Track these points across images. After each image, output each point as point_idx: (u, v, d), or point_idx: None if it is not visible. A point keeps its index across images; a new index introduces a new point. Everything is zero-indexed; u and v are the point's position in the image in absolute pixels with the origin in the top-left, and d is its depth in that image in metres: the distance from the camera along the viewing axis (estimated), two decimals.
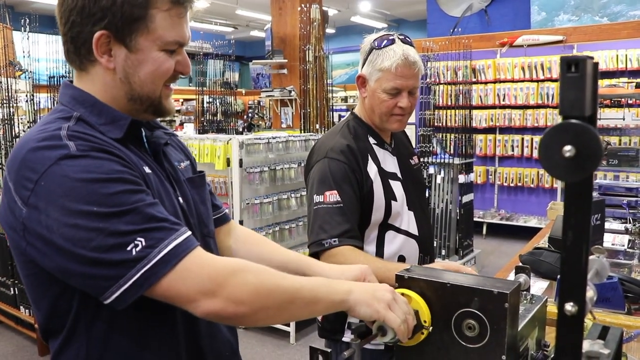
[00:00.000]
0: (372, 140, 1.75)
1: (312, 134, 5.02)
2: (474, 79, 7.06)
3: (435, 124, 6.25)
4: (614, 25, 6.70)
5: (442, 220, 5.67)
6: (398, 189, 1.72)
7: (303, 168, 1.87)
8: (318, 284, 1.02)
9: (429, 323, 1.04)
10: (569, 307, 0.64)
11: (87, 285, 0.92)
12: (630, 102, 6.00)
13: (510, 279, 1.14)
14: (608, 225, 2.76)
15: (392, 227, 1.70)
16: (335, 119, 6.22)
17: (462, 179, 5.77)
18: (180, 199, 1.12)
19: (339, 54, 13.23)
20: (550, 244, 2.35)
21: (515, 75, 6.98)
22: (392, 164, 1.76)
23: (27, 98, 4.24)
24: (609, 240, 2.55)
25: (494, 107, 7.16)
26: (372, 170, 1.68)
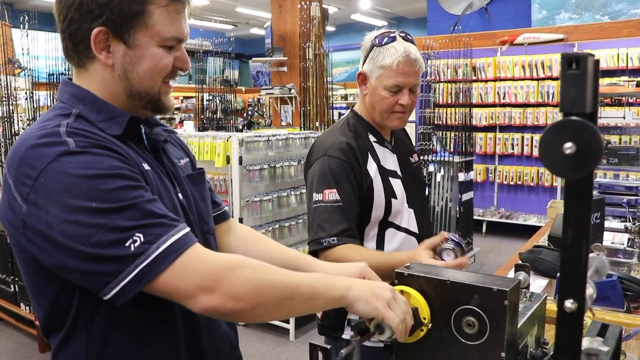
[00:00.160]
0: (372, 138, 1.75)
1: (312, 132, 5.02)
2: (474, 77, 7.06)
3: (436, 122, 6.25)
4: (615, 24, 6.69)
5: (442, 218, 5.67)
6: (398, 187, 1.72)
7: (303, 166, 1.87)
8: (317, 280, 1.01)
9: (429, 320, 1.04)
10: (569, 304, 0.64)
11: (86, 282, 0.92)
12: (631, 100, 5.99)
13: (510, 277, 1.14)
14: (608, 224, 2.76)
15: (392, 224, 1.70)
16: (335, 117, 6.23)
17: (462, 177, 5.77)
18: (180, 196, 1.12)
19: (339, 52, 13.21)
20: (550, 242, 2.35)
21: (516, 74, 6.97)
22: (392, 162, 1.76)
23: (26, 95, 4.24)
24: (609, 239, 2.55)
25: (494, 105, 7.15)
26: (372, 168, 1.68)
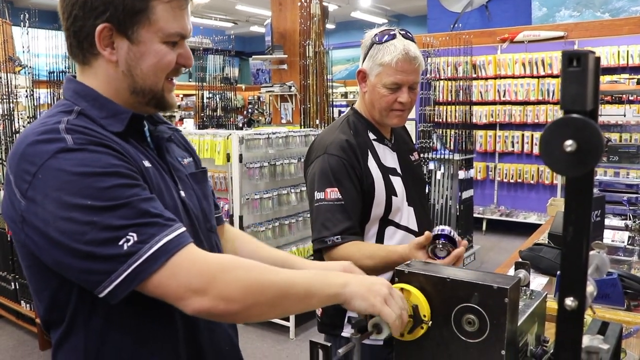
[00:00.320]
0: (371, 136, 1.74)
1: (312, 130, 5.01)
2: (475, 75, 7.05)
3: (436, 120, 6.25)
4: (616, 21, 6.68)
5: (441, 216, 5.67)
6: (398, 185, 1.72)
7: (303, 163, 1.87)
8: (312, 278, 1.01)
9: (429, 318, 1.04)
10: (569, 301, 0.64)
11: (81, 279, 0.93)
12: (631, 98, 5.99)
13: (510, 275, 1.14)
14: (608, 222, 2.76)
15: (392, 222, 1.70)
16: (335, 115, 6.22)
17: (462, 175, 5.77)
18: (182, 193, 1.12)
19: (339, 50, 13.21)
20: (550, 240, 2.35)
21: (516, 71, 6.96)
22: (391, 160, 1.76)
23: (26, 93, 4.23)
24: (609, 237, 2.56)
25: (494, 103, 7.15)
26: (372, 166, 1.68)
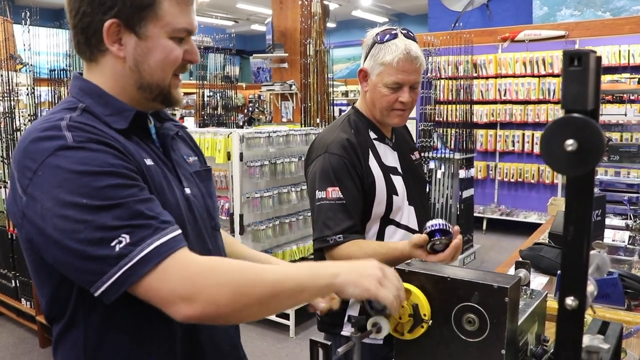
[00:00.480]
0: (372, 135, 1.74)
1: (312, 128, 5.01)
2: (475, 74, 7.05)
3: (436, 119, 6.24)
4: (617, 21, 6.67)
5: (442, 215, 5.67)
6: (399, 184, 1.72)
7: (303, 162, 1.87)
8: (301, 272, 1.00)
9: (429, 317, 1.04)
10: (570, 301, 0.64)
11: (76, 278, 0.93)
12: (632, 98, 5.98)
13: (511, 274, 1.14)
14: (609, 222, 2.76)
15: (392, 221, 1.70)
16: (336, 114, 6.22)
17: (462, 174, 5.76)
18: (188, 190, 1.12)
19: (340, 48, 13.21)
20: (551, 240, 2.35)
21: (517, 71, 6.95)
22: (392, 159, 1.76)
23: (27, 91, 4.23)
24: (610, 237, 2.55)
25: (495, 102, 7.14)
26: (373, 165, 1.68)
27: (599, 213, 2.30)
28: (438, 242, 1.45)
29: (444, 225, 1.46)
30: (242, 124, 10.11)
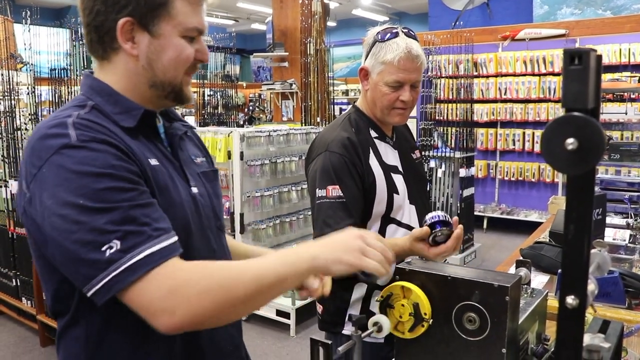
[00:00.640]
0: (373, 134, 1.74)
1: (313, 127, 5.01)
2: (476, 73, 7.04)
3: (437, 118, 6.24)
4: (617, 19, 6.66)
5: None
6: (400, 183, 1.72)
7: (304, 161, 1.87)
8: (279, 262, 0.98)
9: (429, 316, 1.04)
10: (570, 300, 0.64)
11: (69, 276, 0.94)
12: (633, 96, 5.98)
13: (511, 273, 1.14)
14: (609, 220, 2.76)
15: (393, 220, 1.70)
16: (336, 112, 6.21)
17: (463, 173, 5.76)
18: (195, 190, 1.13)
19: (340, 47, 13.19)
20: (551, 238, 2.35)
21: (517, 69, 6.95)
22: (393, 158, 1.76)
23: (28, 91, 4.22)
24: (610, 235, 2.55)
25: (496, 101, 7.14)
26: (373, 163, 1.68)
27: (600, 212, 2.30)
28: (439, 233, 1.43)
29: (444, 217, 1.45)
30: (242, 123, 10.11)
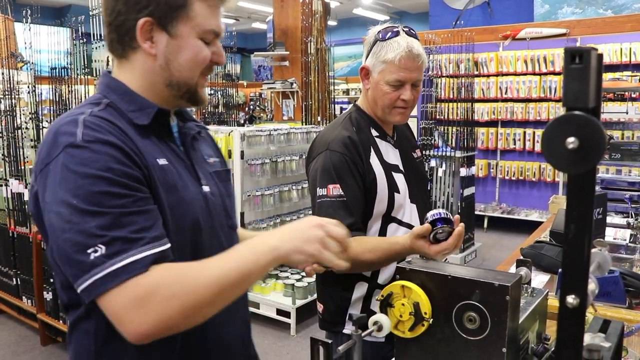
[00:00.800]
0: (374, 133, 1.74)
1: (313, 127, 5.01)
2: (477, 72, 7.04)
3: (437, 117, 6.24)
4: (618, 18, 6.66)
5: None
6: (401, 182, 1.71)
7: (304, 160, 1.87)
8: (241, 258, 0.98)
9: (430, 315, 1.04)
10: (571, 299, 0.64)
11: (64, 272, 0.97)
12: (634, 96, 5.97)
13: (512, 272, 1.14)
14: (610, 220, 2.76)
15: (394, 219, 1.70)
16: (337, 112, 6.21)
17: (463, 172, 5.76)
18: (206, 189, 1.14)
19: (341, 46, 13.19)
20: (552, 238, 2.35)
21: (518, 69, 6.95)
22: (394, 157, 1.75)
23: (28, 89, 4.23)
24: (611, 235, 2.55)
25: (496, 100, 7.14)
26: (374, 162, 1.68)
27: (600, 211, 2.30)
28: (441, 230, 1.42)
29: (445, 214, 1.44)
30: (243, 122, 10.11)
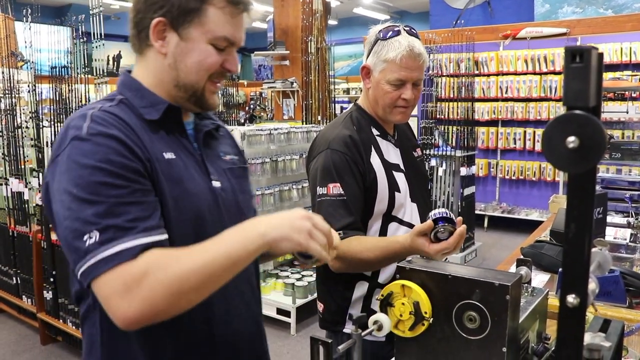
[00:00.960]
0: (375, 132, 1.74)
1: (313, 126, 5.01)
2: (477, 72, 7.04)
3: (438, 117, 6.23)
4: (619, 18, 6.65)
5: None
6: (401, 181, 1.71)
7: (304, 159, 1.86)
8: (229, 243, 0.98)
9: (430, 314, 1.04)
10: (571, 299, 0.64)
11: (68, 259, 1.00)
12: (634, 95, 5.97)
13: (512, 272, 1.14)
14: (610, 219, 2.76)
15: (395, 218, 1.70)
16: (337, 111, 6.21)
17: (463, 172, 5.76)
18: (217, 184, 1.16)
19: (341, 46, 13.19)
20: (552, 237, 2.35)
21: (518, 68, 6.95)
22: (395, 156, 1.75)
23: (29, 88, 4.23)
24: (611, 234, 2.55)
25: (497, 99, 7.14)
26: (375, 162, 1.68)
27: (601, 211, 2.30)
28: (442, 229, 1.41)
29: (447, 214, 1.43)
30: (243, 122, 10.11)
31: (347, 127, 1.70)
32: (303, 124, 5.40)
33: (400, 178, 1.72)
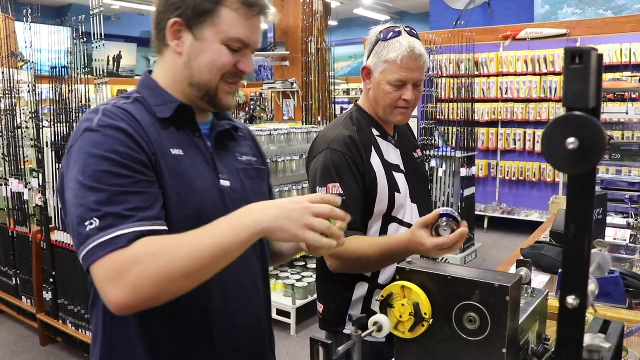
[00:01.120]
0: (375, 132, 1.74)
1: (314, 127, 5.01)
2: (477, 72, 7.04)
3: (438, 117, 6.23)
4: (618, 19, 6.66)
5: None
6: (402, 181, 1.71)
7: (305, 160, 1.86)
8: (221, 231, 0.98)
9: (430, 316, 1.04)
10: (571, 300, 0.64)
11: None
12: (634, 96, 5.97)
13: (512, 273, 1.14)
14: (610, 220, 2.76)
15: (395, 219, 1.70)
16: (337, 112, 6.21)
17: (463, 173, 5.76)
18: (226, 183, 1.17)
19: (342, 47, 13.18)
20: (552, 238, 2.35)
21: (518, 69, 6.95)
22: (395, 156, 1.75)
23: (29, 89, 4.23)
24: (611, 235, 2.55)
25: (497, 100, 7.14)
26: (375, 162, 1.68)
27: (600, 212, 2.30)
28: (445, 223, 1.42)
29: (454, 214, 1.44)
30: (243, 122, 10.09)
31: (347, 127, 1.70)
32: (303, 125, 5.40)
33: (401, 179, 1.72)
